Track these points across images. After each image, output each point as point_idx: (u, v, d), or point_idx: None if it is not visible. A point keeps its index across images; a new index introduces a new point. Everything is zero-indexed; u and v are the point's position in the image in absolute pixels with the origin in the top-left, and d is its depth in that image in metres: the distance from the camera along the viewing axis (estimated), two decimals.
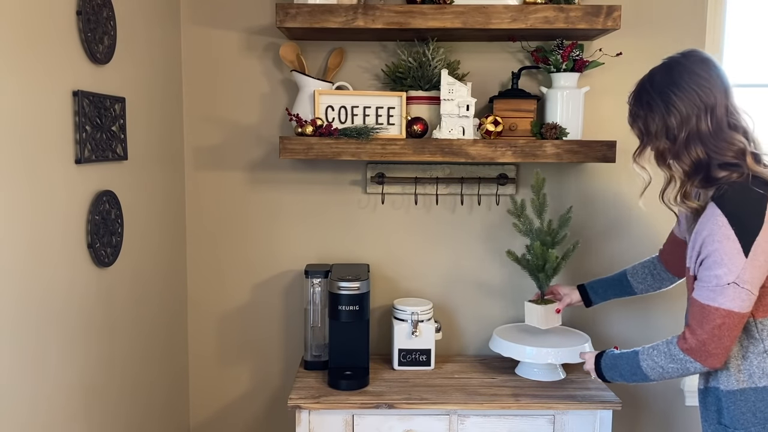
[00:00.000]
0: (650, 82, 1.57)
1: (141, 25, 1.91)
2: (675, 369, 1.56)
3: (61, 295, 1.51)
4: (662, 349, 1.58)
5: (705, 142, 1.50)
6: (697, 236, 1.51)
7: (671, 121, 1.52)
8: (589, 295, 2.07)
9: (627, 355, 1.67)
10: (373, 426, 1.93)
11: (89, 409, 1.65)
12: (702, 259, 1.50)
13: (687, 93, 1.50)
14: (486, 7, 1.94)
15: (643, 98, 1.58)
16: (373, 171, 2.26)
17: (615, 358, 1.71)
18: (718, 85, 1.51)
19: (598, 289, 2.06)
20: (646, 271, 1.98)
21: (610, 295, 2.06)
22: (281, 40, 2.19)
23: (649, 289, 1.99)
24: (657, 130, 1.55)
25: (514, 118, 2.10)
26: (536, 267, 2.08)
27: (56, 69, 1.47)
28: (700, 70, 1.51)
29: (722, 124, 1.50)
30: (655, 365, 1.59)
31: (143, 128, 1.93)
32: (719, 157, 1.50)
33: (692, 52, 1.56)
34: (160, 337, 2.11)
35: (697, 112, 1.49)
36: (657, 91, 1.54)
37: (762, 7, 2.29)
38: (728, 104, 1.51)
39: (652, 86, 1.56)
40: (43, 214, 1.43)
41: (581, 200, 2.29)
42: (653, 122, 1.55)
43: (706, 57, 1.55)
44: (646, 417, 2.38)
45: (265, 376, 2.38)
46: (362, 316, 2.03)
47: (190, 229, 2.32)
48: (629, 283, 2.00)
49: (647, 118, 1.56)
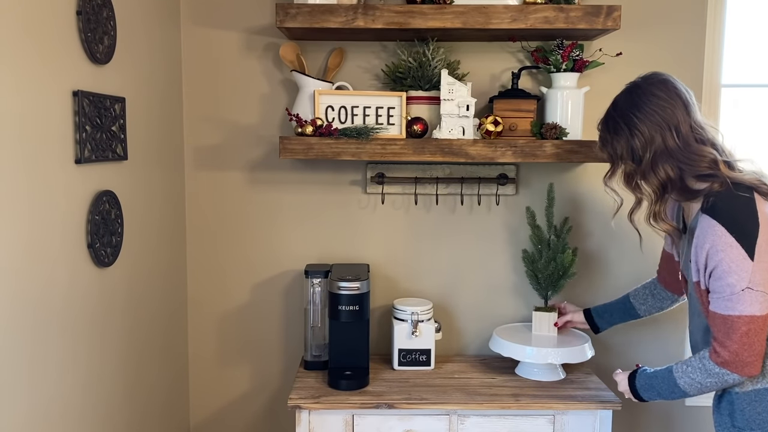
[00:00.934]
0: (614, 108, 1.63)
1: (141, 25, 1.91)
2: (713, 383, 1.54)
3: (61, 295, 1.51)
4: (696, 365, 1.57)
5: (675, 157, 1.54)
6: (699, 250, 1.52)
7: (635, 142, 1.56)
8: (595, 321, 2.09)
9: (661, 374, 1.65)
10: (373, 426, 1.93)
11: (89, 408, 1.65)
12: (710, 271, 1.51)
13: (648, 115, 1.55)
14: (486, 7, 1.94)
15: (609, 123, 1.63)
16: (373, 171, 2.26)
17: (649, 378, 1.69)
18: (679, 104, 1.55)
19: (603, 314, 2.08)
20: (646, 291, 2.00)
21: (616, 319, 2.06)
22: (281, 40, 2.19)
23: (651, 310, 2.00)
24: (623, 153, 1.60)
25: (514, 118, 2.10)
26: (547, 276, 2.14)
27: (56, 69, 1.47)
28: (659, 91, 1.56)
29: (689, 140, 1.54)
30: (692, 382, 1.57)
31: (143, 128, 1.93)
32: (693, 170, 1.54)
33: (652, 75, 1.61)
34: (160, 337, 2.11)
35: (661, 132, 1.54)
36: (620, 115, 1.59)
37: (762, 7, 2.29)
38: (691, 122, 1.55)
39: (615, 111, 1.62)
40: (43, 214, 1.43)
41: (581, 200, 2.29)
42: (619, 145, 1.60)
43: (665, 78, 1.60)
44: (646, 417, 2.38)
45: (265, 376, 2.38)
46: (362, 316, 2.03)
47: (190, 229, 2.32)
48: (632, 305, 2.01)
49: (614, 142, 1.62)
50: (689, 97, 1.57)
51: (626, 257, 2.28)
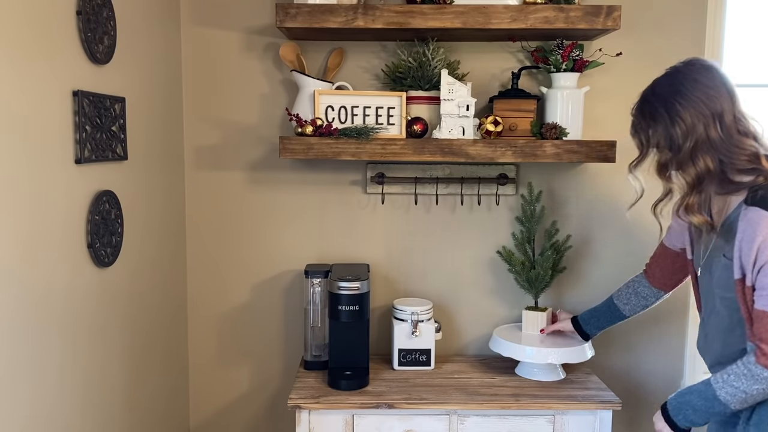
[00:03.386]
0: (653, 93, 1.54)
1: (141, 25, 1.91)
2: (760, 390, 1.42)
3: (61, 295, 1.51)
4: (740, 371, 1.44)
5: (716, 149, 1.46)
6: (746, 244, 1.42)
7: (675, 131, 1.47)
8: (583, 328, 2.05)
9: (696, 389, 1.52)
10: (373, 426, 1.93)
11: (89, 408, 1.65)
12: (761, 266, 1.41)
13: (692, 102, 1.46)
14: (486, 7, 1.94)
15: (645, 109, 1.54)
16: (373, 171, 2.26)
17: (680, 397, 1.56)
18: (723, 93, 1.47)
19: (590, 320, 2.05)
20: (629, 291, 1.97)
21: (603, 323, 2.03)
22: (281, 40, 2.19)
23: (636, 309, 1.96)
24: (660, 141, 1.51)
25: (514, 118, 2.10)
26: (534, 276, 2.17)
27: (56, 69, 1.47)
28: (704, 78, 1.48)
29: (732, 131, 1.46)
30: (735, 391, 1.44)
31: (143, 128, 1.93)
32: (733, 163, 1.46)
33: (694, 61, 1.52)
34: (160, 337, 2.11)
35: (704, 121, 1.45)
36: (660, 101, 1.50)
37: (762, 8, 2.29)
38: (735, 111, 1.47)
39: (655, 96, 1.52)
40: (43, 214, 1.43)
41: (581, 200, 2.29)
42: (656, 133, 1.52)
43: (710, 64, 1.51)
44: (646, 417, 2.37)
45: (265, 376, 2.38)
46: (362, 316, 2.03)
47: (190, 229, 2.32)
48: (617, 307, 1.98)
49: (649, 128, 1.53)
50: (733, 86, 1.49)
51: (626, 258, 2.27)
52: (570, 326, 2.08)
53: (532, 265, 2.19)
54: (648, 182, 1.63)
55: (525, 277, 2.19)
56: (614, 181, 2.26)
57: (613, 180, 2.26)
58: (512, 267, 2.23)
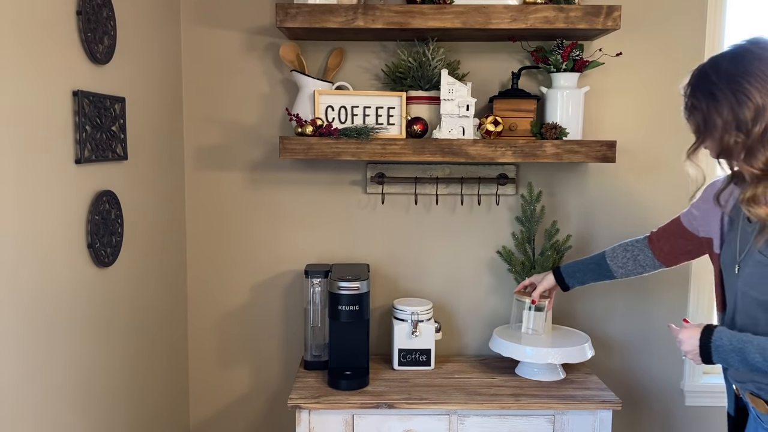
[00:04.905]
0: (715, 71, 1.40)
1: (141, 25, 1.91)
2: None
3: (61, 295, 1.51)
4: None
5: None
6: None
7: (744, 113, 1.35)
8: (565, 280, 1.99)
9: (758, 345, 1.39)
10: (373, 426, 1.93)
11: (89, 408, 1.65)
12: None
13: (762, 81, 1.34)
14: (486, 7, 1.94)
15: (704, 88, 1.41)
16: (373, 171, 2.26)
17: (736, 341, 1.42)
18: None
19: (575, 273, 1.97)
20: (627, 255, 1.89)
21: (588, 279, 1.96)
22: (281, 40, 2.19)
23: (630, 273, 1.89)
24: (725, 123, 1.38)
25: (514, 118, 2.10)
26: None
27: (56, 69, 1.47)
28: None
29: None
30: None
31: (143, 128, 1.93)
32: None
33: (763, 39, 1.40)
34: (160, 336, 2.11)
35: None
36: (725, 81, 1.37)
37: (762, 7, 2.29)
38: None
39: (718, 75, 1.39)
40: (43, 214, 1.43)
41: (581, 200, 2.29)
42: (718, 115, 1.38)
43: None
44: (646, 417, 2.38)
45: (265, 376, 2.38)
46: (362, 316, 2.03)
47: (190, 229, 2.32)
48: (608, 266, 1.91)
49: (710, 109, 1.39)
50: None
51: None
52: (552, 280, 2.00)
53: (532, 265, 2.19)
54: None
55: (525, 277, 2.19)
56: (614, 181, 2.26)
57: (613, 180, 2.26)
58: (512, 267, 2.23)
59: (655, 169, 2.25)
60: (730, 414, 1.63)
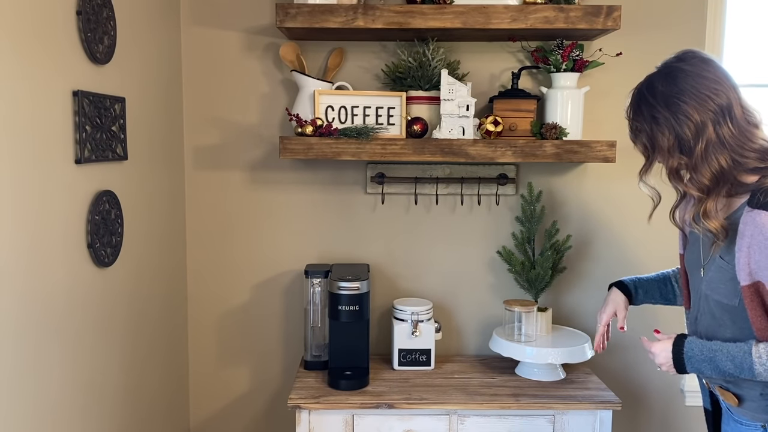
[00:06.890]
0: (651, 93, 1.42)
1: (141, 25, 1.91)
2: None
3: (61, 295, 1.51)
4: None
5: (730, 147, 1.36)
6: (758, 249, 1.33)
7: (684, 132, 1.37)
8: (633, 293, 1.82)
9: (728, 353, 1.40)
10: (373, 426, 1.93)
11: (89, 408, 1.65)
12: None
13: (697, 99, 1.36)
14: (486, 7, 1.94)
15: (644, 111, 1.43)
16: (373, 171, 2.26)
17: (706, 350, 1.43)
18: (727, 84, 1.38)
19: (647, 287, 1.82)
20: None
21: (656, 296, 1.82)
22: (281, 40, 2.19)
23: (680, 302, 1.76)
24: (668, 145, 1.40)
25: (514, 118, 2.10)
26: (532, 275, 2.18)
27: (56, 69, 1.47)
28: (706, 72, 1.38)
29: (743, 124, 1.37)
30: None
31: (143, 128, 1.93)
32: (746, 162, 1.37)
33: (690, 53, 1.43)
34: (160, 337, 2.11)
35: (713, 117, 1.35)
36: (662, 102, 1.39)
37: (762, 7, 2.29)
38: (741, 102, 1.39)
39: (655, 97, 1.41)
40: (43, 214, 1.43)
41: (581, 200, 2.29)
42: (662, 136, 1.40)
43: (707, 57, 1.42)
44: (646, 417, 2.38)
45: (265, 376, 2.38)
46: (362, 316, 2.03)
47: (190, 229, 2.32)
48: (674, 289, 1.78)
49: (653, 131, 1.41)
50: (732, 76, 1.40)
51: (626, 257, 2.27)
52: (622, 297, 1.81)
53: (532, 265, 2.19)
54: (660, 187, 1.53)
55: (525, 277, 2.19)
56: (614, 181, 2.26)
57: (613, 180, 2.26)
58: (512, 267, 2.23)
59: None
60: (706, 408, 1.64)
